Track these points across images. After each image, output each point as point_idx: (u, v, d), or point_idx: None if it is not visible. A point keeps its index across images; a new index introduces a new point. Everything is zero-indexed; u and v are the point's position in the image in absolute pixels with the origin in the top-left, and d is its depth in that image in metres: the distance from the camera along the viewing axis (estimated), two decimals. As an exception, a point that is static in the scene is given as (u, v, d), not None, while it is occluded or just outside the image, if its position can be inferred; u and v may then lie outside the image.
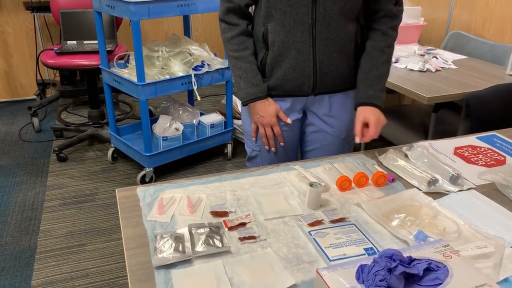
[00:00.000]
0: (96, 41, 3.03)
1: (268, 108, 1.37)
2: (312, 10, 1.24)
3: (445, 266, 0.76)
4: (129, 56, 2.65)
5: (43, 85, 3.81)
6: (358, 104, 1.36)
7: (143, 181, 2.61)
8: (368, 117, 1.31)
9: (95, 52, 2.88)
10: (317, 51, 1.30)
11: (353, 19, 1.31)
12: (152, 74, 2.46)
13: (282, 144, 1.43)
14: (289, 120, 1.40)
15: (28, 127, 3.41)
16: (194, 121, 2.75)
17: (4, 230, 2.23)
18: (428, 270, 0.75)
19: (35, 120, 3.31)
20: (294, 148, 1.50)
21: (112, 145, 2.87)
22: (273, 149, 1.43)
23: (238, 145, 3.09)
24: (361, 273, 0.74)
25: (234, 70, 1.37)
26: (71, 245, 2.13)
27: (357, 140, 1.31)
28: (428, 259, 0.77)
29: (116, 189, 1.14)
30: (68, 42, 3.03)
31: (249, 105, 1.39)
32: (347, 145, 1.49)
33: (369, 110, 1.32)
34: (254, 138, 1.45)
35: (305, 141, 1.51)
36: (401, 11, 1.36)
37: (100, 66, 2.66)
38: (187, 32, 3.03)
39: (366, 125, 1.32)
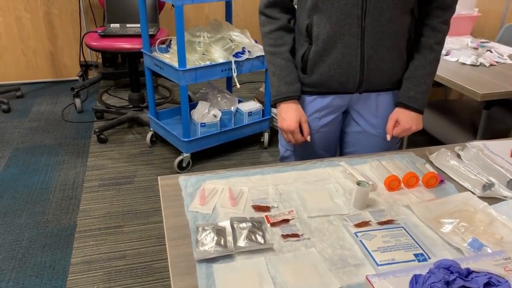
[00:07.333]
0: (138, 25, 3.04)
1: (292, 113, 1.29)
2: (362, 0, 1.16)
3: (507, 281, 0.71)
4: (170, 40, 2.65)
5: (85, 67, 3.89)
6: (396, 103, 1.32)
7: (180, 166, 2.62)
8: (401, 121, 1.30)
9: (138, 36, 2.89)
10: (365, 45, 1.21)
11: (408, 11, 1.22)
12: (193, 60, 2.45)
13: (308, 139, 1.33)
14: (308, 138, 1.32)
15: (70, 107, 3.49)
16: (232, 108, 2.73)
17: (47, 208, 2.30)
18: (488, 284, 0.70)
19: (77, 101, 3.39)
20: (332, 149, 1.43)
21: (151, 129, 2.89)
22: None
23: (275, 134, 3.05)
24: (415, 283, 0.70)
25: (269, 66, 1.32)
26: (109, 226, 2.17)
27: (388, 138, 1.33)
28: (488, 273, 0.72)
29: (158, 177, 1.13)
30: (112, 25, 3.06)
31: (277, 105, 1.32)
32: (392, 148, 1.41)
33: (405, 115, 1.30)
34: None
35: (346, 142, 1.44)
36: (455, 1, 1.26)
37: (142, 50, 2.67)
38: (228, 17, 2.99)
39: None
